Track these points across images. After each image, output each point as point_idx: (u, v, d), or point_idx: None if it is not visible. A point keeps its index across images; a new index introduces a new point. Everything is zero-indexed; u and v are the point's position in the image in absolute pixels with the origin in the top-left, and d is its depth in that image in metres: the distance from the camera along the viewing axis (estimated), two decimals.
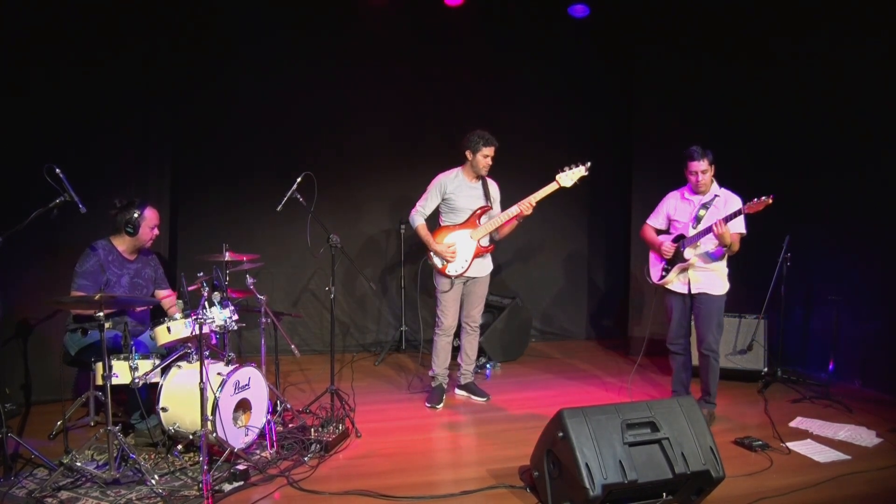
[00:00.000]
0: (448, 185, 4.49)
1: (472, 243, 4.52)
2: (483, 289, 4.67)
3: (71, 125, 4.70)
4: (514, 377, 5.49)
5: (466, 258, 4.51)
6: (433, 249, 4.48)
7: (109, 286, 3.94)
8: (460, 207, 4.50)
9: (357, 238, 6.31)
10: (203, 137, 5.91)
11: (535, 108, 6.54)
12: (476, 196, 4.54)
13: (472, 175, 4.52)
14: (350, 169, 6.20)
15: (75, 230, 4.26)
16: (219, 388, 3.49)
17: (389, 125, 6.25)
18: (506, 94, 6.45)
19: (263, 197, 5.72)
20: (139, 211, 4.03)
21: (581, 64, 6.59)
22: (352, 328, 6.39)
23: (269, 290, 5.62)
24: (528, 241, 6.66)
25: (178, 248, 5.79)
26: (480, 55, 6.37)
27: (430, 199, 4.52)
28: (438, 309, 4.61)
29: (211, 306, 3.69)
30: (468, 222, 4.52)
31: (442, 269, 4.50)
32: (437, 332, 4.66)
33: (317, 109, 6.12)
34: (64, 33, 4.69)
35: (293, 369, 5.61)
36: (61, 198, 3.34)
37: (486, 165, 4.47)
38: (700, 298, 4.23)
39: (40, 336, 4.50)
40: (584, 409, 3.04)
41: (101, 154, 4.85)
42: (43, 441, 3.90)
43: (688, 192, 4.28)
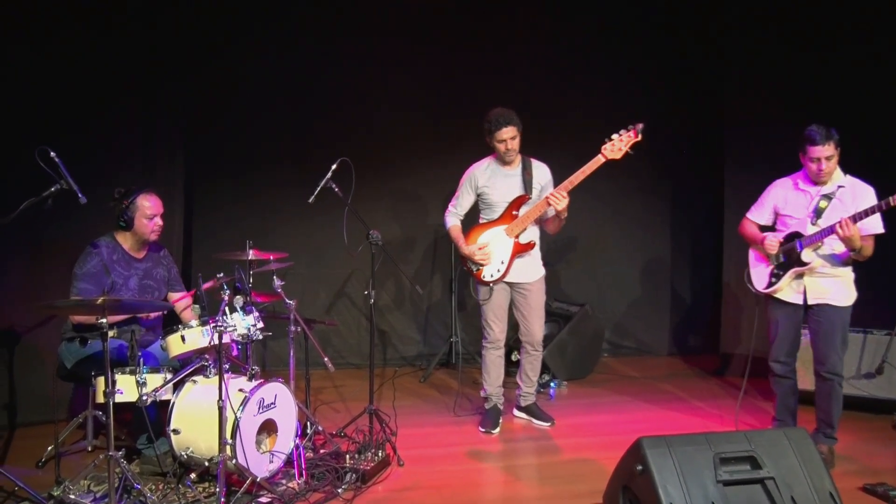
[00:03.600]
0: (479, 178, 4.45)
1: (508, 241, 4.43)
2: (537, 299, 4.56)
3: (66, 102, 4.69)
4: (582, 398, 5.43)
5: (503, 259, 4.43)
6: (462, 252, 4.46)
7: (115, 290, 3.93)
8: (495, 201, 4.46)
9: (400, 234, 6.30)
10: (219, 116, 5.95)
11: (602, 88, 6.42)
12: (513, 185, 4.45)
13: (503, 162, 4.44)
14: (390, 155, 6.18)
15: (73, 224, 4.30)
16: (240, 407, 3.46)
17: (435, 105, 6.22)
18: (566, 71, 6.35)
19: (291, 185, 5.77)
20: (130, 199, 3.98)
21: (658, 37, 6.45)
22: (394, 339, 6.38)
23: (299, 293, 5.64)
24: (598, 238, 6.56)
25: (194, 243, 5.84)
26: (535, 26, 6.28)
27: (463, 195, 4.51)
28: (483, 319, 4.58)
29: (232, 312, 3.66)
30: (503, 217, 4.45)
31: (477, 274, 4.46)
32: (485, 345, 4.63)
33: (349, 86, 6.12)
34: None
35: (326, 386, 5.61)
36: (57, 186, 3.34)
37: (508, 150, 4.36)
38: (819, 311, 3.98)
39: (29, 346, 4.53)
40: (668, 439, 2.96)
41: (101, 135, 4.86)
42: (30, 469, 3.88)
43: (803, 180, 4.02)
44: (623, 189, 6.24)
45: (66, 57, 4.70)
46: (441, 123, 6.22)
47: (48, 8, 4.66)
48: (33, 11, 4.62)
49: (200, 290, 3.81)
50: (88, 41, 4.77)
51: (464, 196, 4.50)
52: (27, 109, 4.55)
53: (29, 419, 4.50)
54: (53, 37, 4.66)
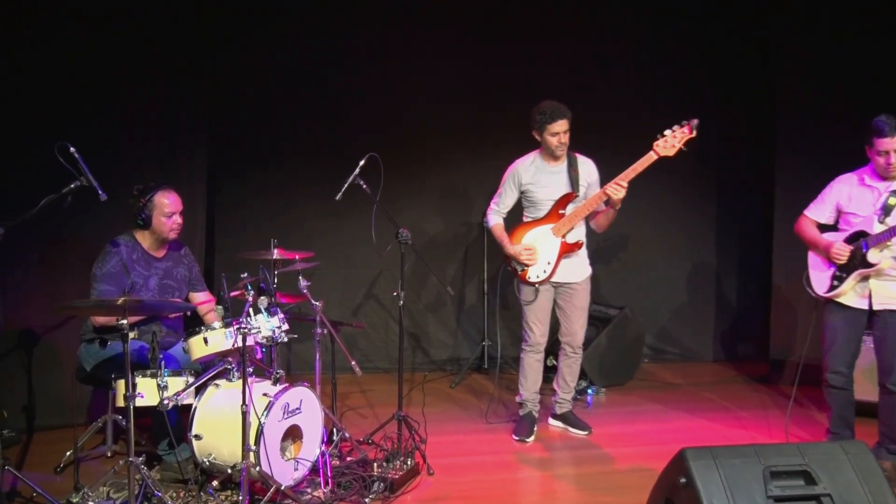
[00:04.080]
0: (523, 175, 4.43)
1: (555, 241, 4.41)
2: (583, 299, 4.56)
3: (84, 95, 4.74)
4: (621, 406, 5.38)
5: (549, 260, 4.40)
6: (507, 252, 4.44)
7: (135, 290, 3.96)
8: (540, 199, 4.43)
9: (430, 233, 6.30)
10: (243, 110, 5.98)
11: (645, 82, 6.36)
12: (559, 182, 4.42)
13: (550, 157, 4.41)
14: (421, 150, 6.18)
15: (93, 222, 4.34)
16: (264, 412, 3.46)
17: (470, 97, 6.20)
18: (607, 63, 6.29)
19: (318, 182, 5.79)
20: (148, 197, 4.00)
21: (705, 28, 6.38)
22: (423, 342, 6.38)
23: (325, 294, 5.60)
24: (639, 238, 6.49)
25: (217, 242, 5.88)
26: (577, 16, 6.23)
27: (506, 193, 4.48)
28: (524, 321, 4.56)
29: (256, 313, 3.67)
30: (549, 215, 4.42)
31: (522, 274, 4.44)
32: (525, 348, 4.61)
33: (380, 78, 6.12)
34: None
35: (353, 391, 5.62)
36: (76, 182, 3.37)
37: (559, 144, 4.33)
38: (886, 317, 3.87)
39: (48, 348, 4.59)
40: (714, 450, 2.88)
41: (121, 130, 4.90)
42: (48, 475, 3.93)
43: (869, 175, 3.91)
44: (664, 186, 6.15)
45: (85, 49, 4.75)
46: (475, 118, 6.20)
47: (65, 5, 4.72)
48: (50, 1, 4.68)
49: (225, 292, 3.82)
50: (108, 32, 4.81)
51: (507, 193, 4.47)
52: (45, 104, 4.60)
53: (47, 423, 4.56)
54: (71, 28, 4.71)
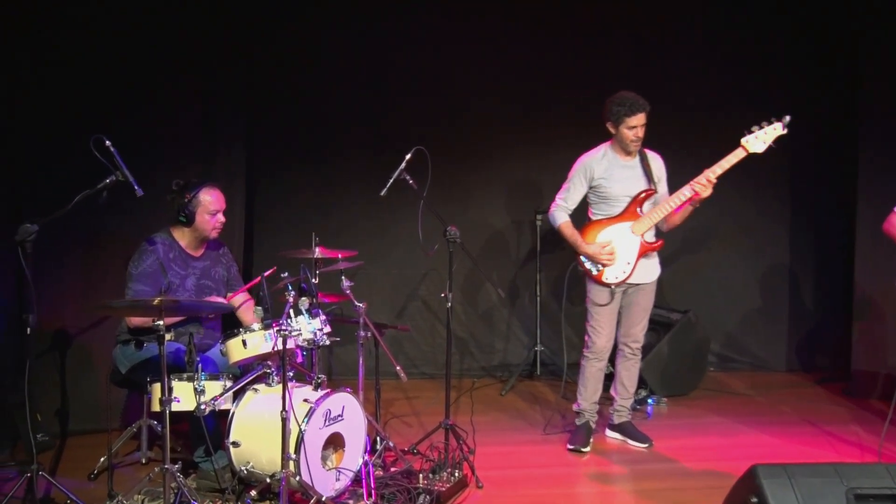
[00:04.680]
0: (595, 168, 4.38)
1: (634, 240, 4.37)
2: (649, 299, 4.56)
3: (120, 88, 4.80)
4: (684, 417, 5.31)
5: (629, 260, 4.37)
6: (583, 252, 4.37)
7: (172, 291, 4.00)
8: (614, 195, 4.38)
9: (479, 232, 6.29)
10: (284, 102, 6.03)
11: (717, 75, 6.27)
12: (633, 178, 4.40)
13: (623, 151, 4.39)
14: (469, 145, 6.18)
15: (129, 219, 4.41)
16: (305, 419, 3.47)
17: (520, 90, 6.18)
18: (671, 52, 6.21)
19: (360, 178, 5.83)
20: (192, 193, 4.04)
21: (781, 19, 6.26)
22: (472, 347, 6.36)
23: (368, 295, 5.60)
24: (703, 236, 6.38)
25: (255, 240, 5.93)
26: (642, 4, 6.17)
27: (574, 188, 4.42)
28: (590, 326, 4.51)
29: (297, 315, 3.67)
30: (627, 213, 4.38)
31: (597, 276, 4.39)
32: (587, 355, 4.57)
33: (426, 70, 6.13)
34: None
35: (397, 397, 5.63)
36: (112, 177, 3.42)
37: (636, 139, 4.32)
38: None
39: (82, 349, 4.67)
40: (788, 468, 2.84)
41: (157, 124, 4.96)
42: (82, 482, 3.98)
43: None
44: (733, 183, 6.03)
45: (121, 40, 4.81)
46: (529, 111, 6.18)
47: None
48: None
49: (264, 291, 3.83)
50: (145, 26, 4.88)
51: (575, 188, 4.42)
52: (80, 96, 4.68)
53: (81, 427, 4.63)
54: (108, 22, 4.78)
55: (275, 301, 3.92)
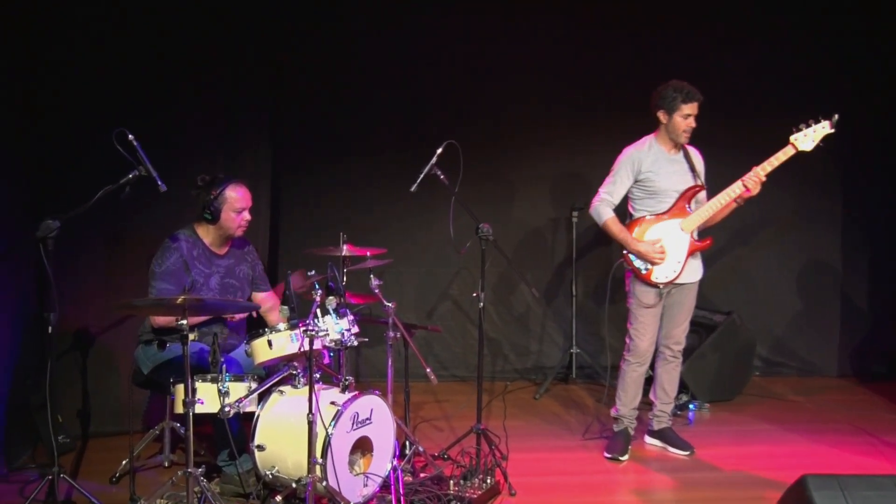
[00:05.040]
0: (643, 161, 4.36)
1: (683, 238, 4.36)
2: (691, 299, 4.56)
3: (143, 81, 4.84)
4: (728, 424, 5.28)
5: (679, 259, 4.36)
6: (634, 249, 4.35)
7: (195, 289, 4.02)
8: (661, 189, 4.36)
9: (513, 229, 6.28)
10: (311, 96, 6.05)
11: (766, 71, 6.21)
12: (680, 172, 4.40)
13: (670, 144, 4.39)
14: (502, 139, 6.19)
15: (151, 215, 4.45)
16: (332, 422, 3.47)
17: (554, 83, 6.17)
18: (712, 48, 6.17)
19: (389, 174, 5.84)
20: (219, 190, 4.05)
21: (834, 14, 6.19)
22: (505, 348, 6.36)
23: (398, 295, 5.68)
24: (749, 234, 6.35)
25: (281, 238, 5.97)
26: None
27: (620, 181, 4.39)
28: (632, 328, 4.49)
29: (324, 315, 3.69)
30: (675, 209, 4.36)
31: (646, 275, 4.36)
32: (629, 359, 4.55)
33: (460, 61, 6.13)
34: None
35: (427, 400, 5.63)
36: (135, 172, 3.46)
37: (688, 129, 4.32)
38: None
39: (104, 349, 4.71)
40: (841, 479, 2.81)
41: (180, 122, 5.00)
42: (103, 485, 4.02)
43: None
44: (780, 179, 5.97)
45: (144, 34, 4.86)
46: (566, 106, 6.17)
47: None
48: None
49: (290, 289, 3.84)
50: (167, 17, 4.91)
51: (621, 182, 4.38)
52: (103, 90, 4.72)
53: (102, 429, 4.69)
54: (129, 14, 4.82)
55: (301, 300, 3.94)
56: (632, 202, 4.44)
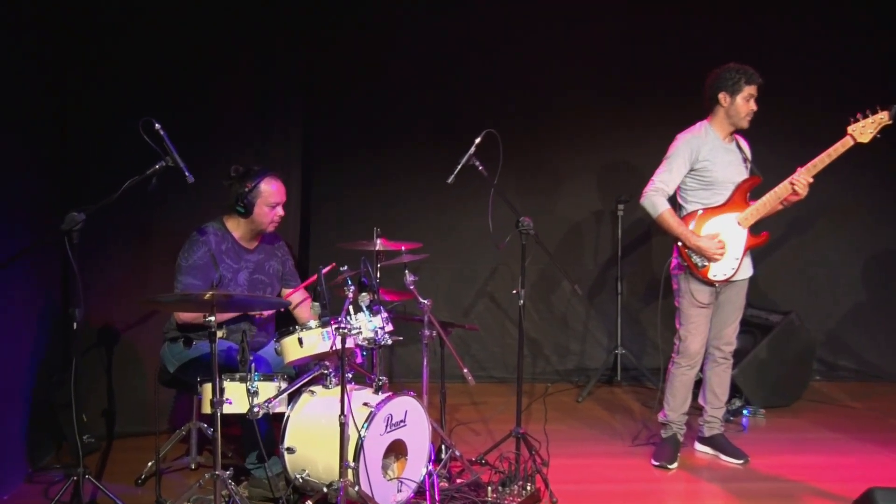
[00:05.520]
0: (701, 148, 4.31)
1: (740, 233, 4.33)
2: (742, 297, 4.53)
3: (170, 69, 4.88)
4: (785, 432, 5.21)
5: (736, 255, 4.33)
6: (693, 245, 4.28)
7: (223, 285, 4.05)
8: (718, 180, 4.31)
9: (555, 223, 6.27)
10: (344, 84, 6.08)
11: (824, 61, 6.15)
12: (735, 163, 4.37)
13: (726, 131, 4.35)
14: (543, 128, 6.18)
15: (178, 207, 4.48)
16: (364, 424, 3.48)
17: (598, 69, 6.16)
18: (765, 38, 6.07)
19: (425, 164, 5.86)
20: (254, 182, 4.07)
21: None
22: (546, 349, 6.35)
23: (434, 291, 5.69)
24: (804, 226, 6.28)
25: (312, 233, 6.01)
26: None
27: (676, 169, 4.33)
28: (683, 329, 4.45)
29: (357, 312, 3.70)
30: (732, 202, 4.32)
31: (703, 272, 4.31)
32: (678, 361, 4.51)
33: (500, 46, 6.13)
34: None
35: (464, 402, 5.65)
36: (162, 162, 3.49)
37: (750, 113, 4.28)
38: None
39: (129, 346, 4.77)
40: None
41: (209, 111, 5.03)
42: (129, 487, 4.07)
43: None
44: (842, 169, 5.89)
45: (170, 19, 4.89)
46: (609, 93, 6.16)
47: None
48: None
49: (322, 285, 3.85)
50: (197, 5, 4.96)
51: (678, 169, 4.31)
52: (129, 79, 4.78)
53: (127, 429, 4.76)
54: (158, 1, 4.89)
55: (333, 297, 3.95)
56: (683, 193, 4.38)
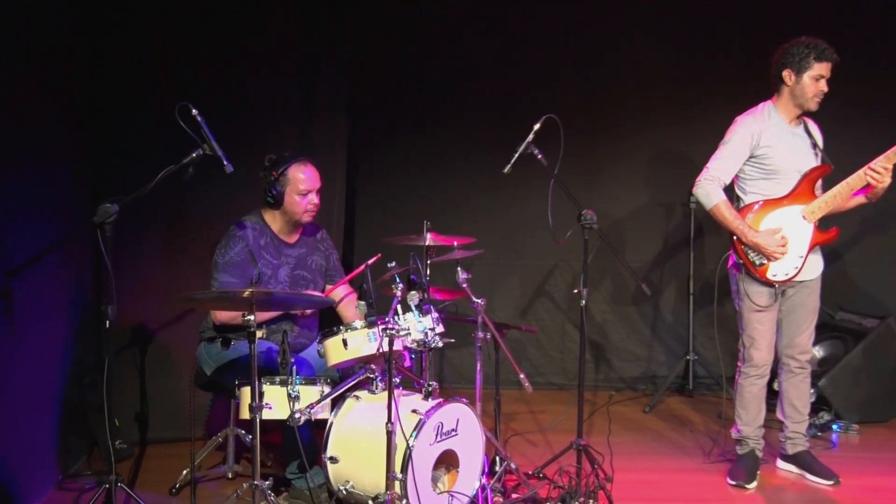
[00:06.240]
0: (763, 132, 4.22)
1: (806, 228, 4.21)
2: (815, 299, 4.40)
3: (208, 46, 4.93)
4: (881, 450, 5.10)
5: (800, 253, 4.22)
6: (750, 241, 4.20)
7: (262, 282, 4.08)
8: (782, 168, 4.22)
9: (620, 216, 6.25)
10: (393, 63, 6.11)
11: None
12: (803, 149, 4.26)
13: (792, 113, 4.24)
14: (609, 112, 6.15)
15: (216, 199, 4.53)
16: (413, 433, 3.49)
17: (668, 47, 6.11)
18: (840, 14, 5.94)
19: (480, 151, 5.86)
20: (281, 169, 4.07)
21: None
22: (610, 353, 6.34)
23: (488, 290, 5.65)
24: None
25: (357, 224, 6.04)
26: None
27: (734, 155, 4.26)
28: (746, 335, 4.39)
29: (405, 312, 3.71)
30: (797, 193, 4.21)
31: (760, 271, 4.23)
32: (744, 370, 4.45)
33: (558, 22, 6.08)
34: None
35: (520, 410, 5.64)
36: (199, 151, 3.51)
37: (819, 94, 4.15)
38: None
39: (163, 346, 4.84)
40: None
41: (247, 90, 5.06)
42: (163, 496, 4.12)
43: None
44: None
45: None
46: (685, 70, 6.10)
47: None
48: None
49: (369, 284, 3.85)
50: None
51: (736, 156, 4.24)
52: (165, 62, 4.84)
53: (161, 435, 4.83)
54: None
55: (380, 295, 3.96)
56: (742, 183, 4.31)
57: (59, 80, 4.36)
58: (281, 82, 5.17)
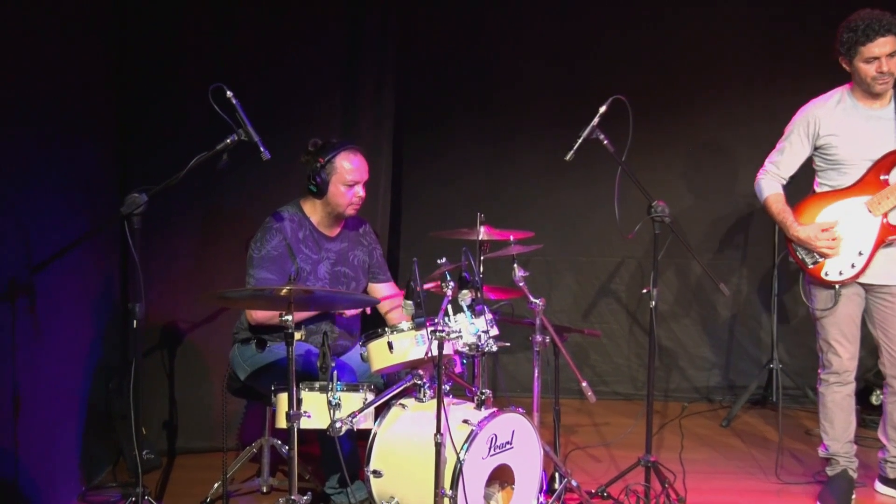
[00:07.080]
0: (822, 120, 4.17)
1: (871, 221, 4.12)
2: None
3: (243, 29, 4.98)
4: None
5: (861, 249, 4.13)
6: (793, 235, 4.20)
7: (301, 279, 4.11)
8: (845, 158, 4.15)
9: (695, 209, 6.22)
10: (443, 41, 6.14)
11: None
12: (880, 133, 4.13)
13: (868, 96, 4.15)
14: (684, 92, 6.12)
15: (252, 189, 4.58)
16: (464, 446, 3.48)
17: (752, 16, 6.03)
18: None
19: (539, 137, 5.84)
20: (328, 157, 4.10)
21: None
22: (682, 360, 6.31)
23: (547, 289, 5.66)
24: None
25: (404, 216, 6.07)
26: None
27: (791, 148, 4.26)
28: (822, 340, 4.34)
29: (456, 313, 3.71)
30: (863, 183, 4.13)
31: (814, 270, 4.19)
32: (824, 377, 4.38)
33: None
34: None
35: (582, 422, 5.65)
36: (233, 136, 3.55)
37: (879, 76, 4.03)
38: None
39: (193, 349, 4.91)
40: None
41: (286, 72, 5.11)
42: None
43: None
44: None
45: None
46: (761, 54, 6.05)
47: None
48: None
49: (417, 282, 3.86)
50: None
51: (793, 149, 4.23)
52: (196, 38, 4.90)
53: (191, 445, 4.91)
54: None
55: (429, 295, 3.97)
56: (817, 176, 4.27)
57: (81, 54, 4.39)
58: (322, 60, 5.19)
